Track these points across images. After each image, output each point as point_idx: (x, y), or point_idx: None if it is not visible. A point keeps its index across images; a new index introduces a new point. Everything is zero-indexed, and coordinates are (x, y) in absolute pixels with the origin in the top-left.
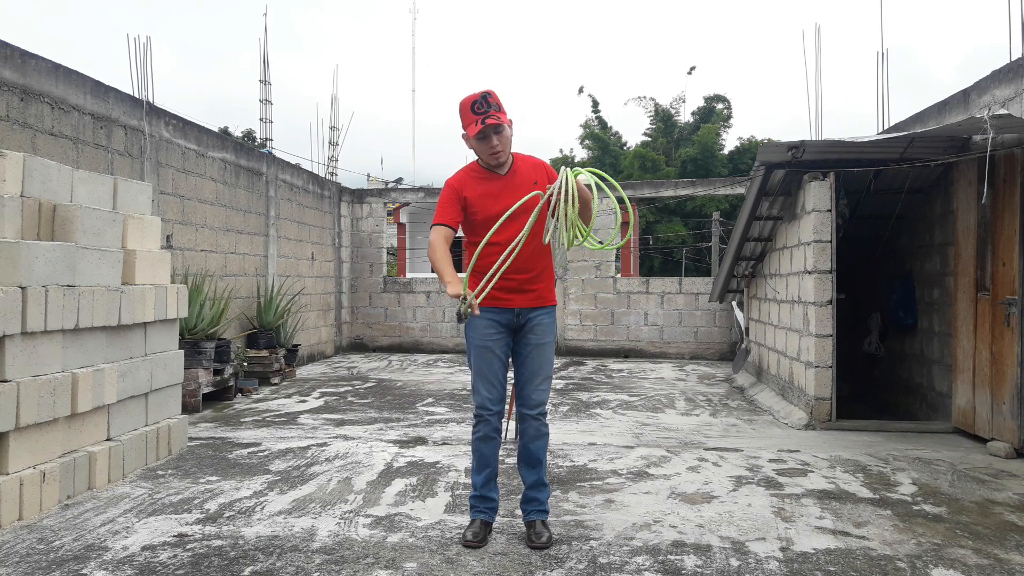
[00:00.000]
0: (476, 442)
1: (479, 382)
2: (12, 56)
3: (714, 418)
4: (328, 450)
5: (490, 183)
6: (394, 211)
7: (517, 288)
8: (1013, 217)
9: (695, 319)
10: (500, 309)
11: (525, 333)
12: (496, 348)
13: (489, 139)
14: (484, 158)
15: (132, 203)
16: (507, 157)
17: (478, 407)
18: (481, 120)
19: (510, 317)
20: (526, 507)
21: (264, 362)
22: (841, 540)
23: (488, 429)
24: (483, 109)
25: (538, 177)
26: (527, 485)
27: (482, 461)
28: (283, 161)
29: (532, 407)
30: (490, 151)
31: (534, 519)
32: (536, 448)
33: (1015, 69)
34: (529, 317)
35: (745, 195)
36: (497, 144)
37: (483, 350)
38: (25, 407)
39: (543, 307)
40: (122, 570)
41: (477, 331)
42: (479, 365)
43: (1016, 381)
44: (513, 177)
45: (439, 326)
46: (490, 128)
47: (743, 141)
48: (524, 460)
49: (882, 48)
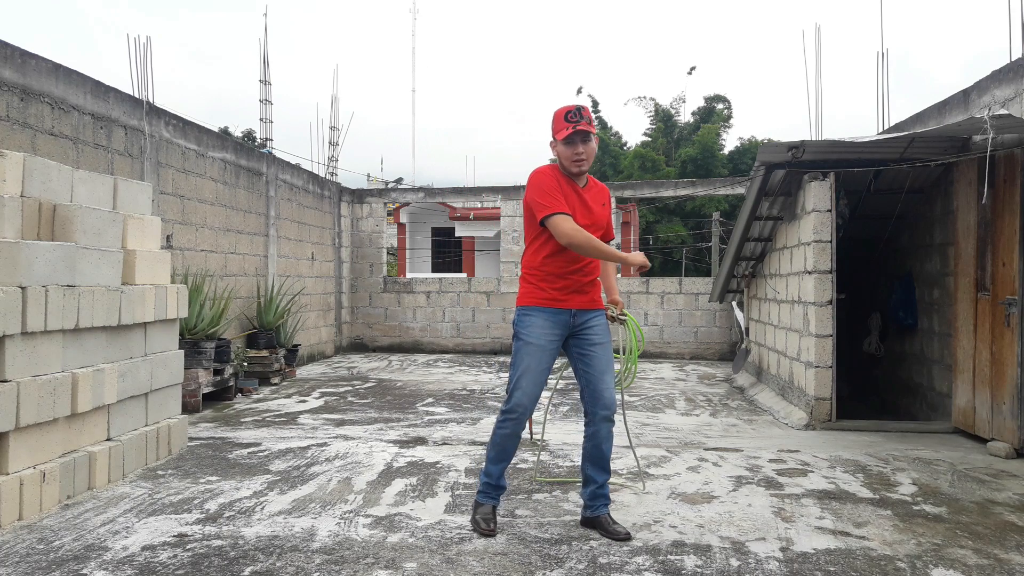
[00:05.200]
0: (502, 436)
1: (525, 379)
2: (12, 56)
3: (714, 418)
4: (328, 450)
5: (573, 191)
6: (394, 211)
7: (576, 289)
8: (1013, 217)
9: (695, 319)
10: (558, 309)
11: (584, 334)
12: (550, 348)
13: (576, 145)
14: (567, 164)
15: (132, 203)
16: (588, 168)
17: (515, 403)
18: (573, 126)
19: (566, 318)
20: (593, 503)
21: (264, 362)
22: (841, 540)
23: (518, 428)
24: (575, 118)
25: (606, 200)
26: (598, 484)
27: (502, 455)
28: (283, 161)
29: (608, 406)
30: (575, 156)
31: (602, 514)
32: (607, 449)
33: (1015, 69)
34: (585, 319)
35: (745, 195)
36: (582, 152)
37: (537, 348)
38: (25, 407)
39: (596, 310)
40: (122, 570)
41: (535, 328)
42: (530, 363)
43: (1016, 381)
44: (589, 191)
45: (439, 326)
46: (579, 135)
47: (743, 141)
48: (595, 462)
49: (882, 48)
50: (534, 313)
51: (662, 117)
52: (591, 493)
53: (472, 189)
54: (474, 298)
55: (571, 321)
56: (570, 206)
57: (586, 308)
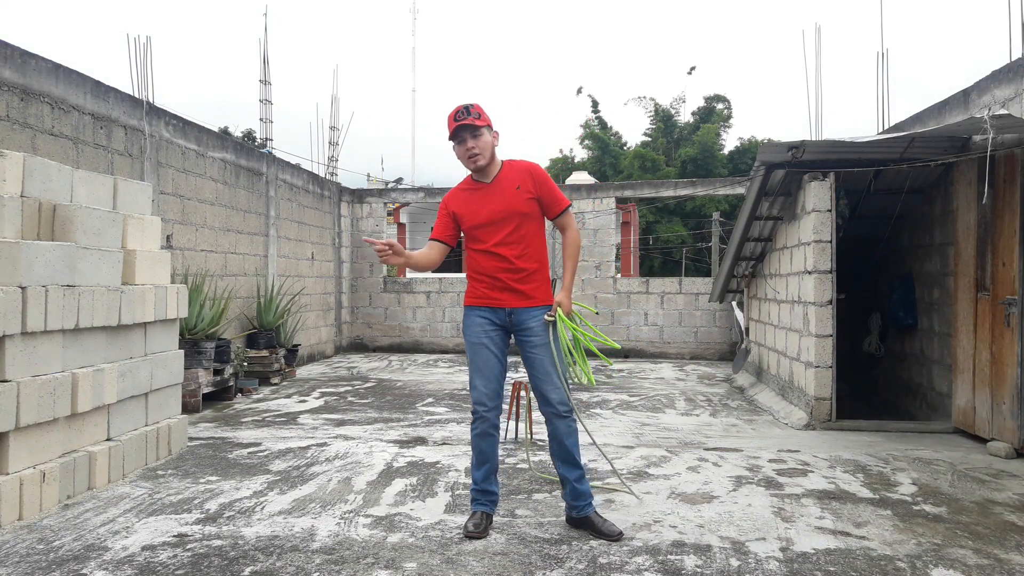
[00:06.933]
0: (475, 438)
1: (475, 377)
2: (12, 56)
3: (714, 418)
4: (328, 450)
5: (476, 193)
6: (394, 211)
7: (505, 287)
8: (1013, 217)
9: (695, 319)
10: (492, 308)
11: (524, 335)
12: (490, 344)
13: (465, 141)
14: (464, 163)
15: (132, 203)
16: (486, 162)
17: (475, 403)
18: (458, 124)
19: (502, 316)
20: (577, 503)
21: (264, 362)
22: (841, 540)
23: (486, 426)
24: (462, 116)
25: (521, 181)
26: (572, 479)
27: (481, 457)
28: (283, 161)
29: (552, 404)
30: (467, 154)
31: (588, 513)
32: (571, 444)
33: (1015, 69)
34: (523, 317)
35: (745, 195)
36: (473, 147)
37: (477, 346)
38: (25, 407)
39: (535, 307)
40: (122, 570)
41: (473, 328)
42: (474, 360)
43: (1016, 381)
44: (499, 185)
45: (439, 326)
46: (465, 129)
47: (743, 141)
48: (563, 459)
49: (882, 48)
50: (470, 312)
51: (662, 117)
52: (571, 492)
53: None
54: None
55: (508, 320)
56: (469, 211)
57: (523, 306)
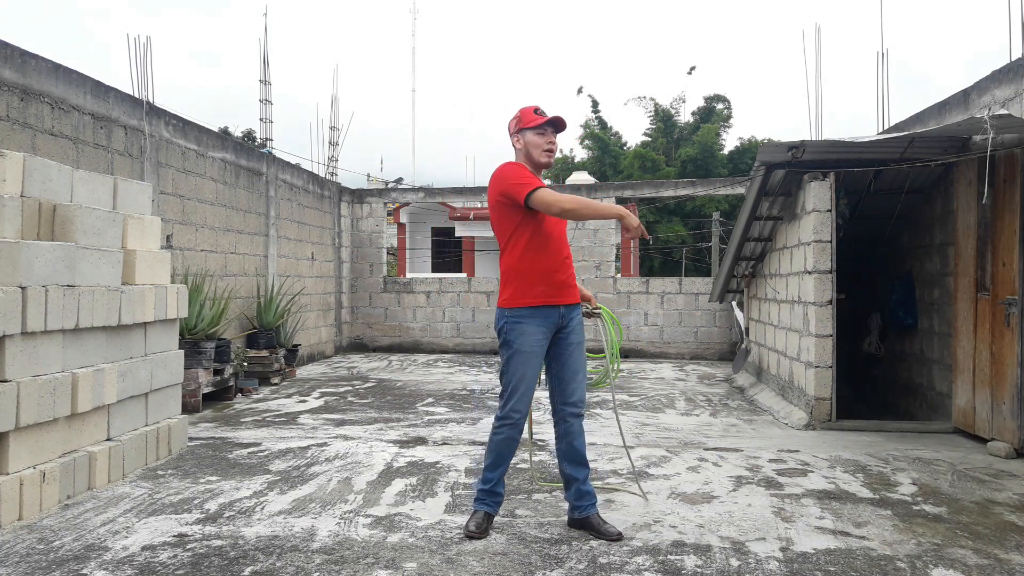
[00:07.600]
0: (498, 442)
1: (520, 384)
2: (12, 56)
3: (714, 418)
4: (328, 450)
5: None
6: (394, 211)
7: (564, 284)
8: (1013, 217)
9: (695, 319)
10: (549, 308)
11: (565, 333)
12: (541, 354)
13: (548, 134)
14: (536, 154)
15: (132, 203)
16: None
17: (511, 411)
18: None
19: (556, 318)
20: (581, 503)
21: (264, 362)
22: (841, 540)
23: (515, 432)
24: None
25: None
26: (580, 480)
27: (499, 460)
28: (283, 161)
29: (579, 403)
30: (547, 145)
31: (591, 513)
32: (580, 445)
33: (1015, 69)
34: (571, 316)
35: (745, 195)
36: (553, 141)
37: (530, 355)
38: (25, 407)
39: (578, 304)
40: (122, 570)
41: (526, 337)
42: (524, 372)
43: (1016, 381)
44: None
45: (439, 326)
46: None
47: (743, 141)
48: (571, 459)
49: (882, 48)
50: (525, 318)
51: (662, 117)
52: (576, 492)
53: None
54: (474, 298)
55: (560, 320)
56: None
57: (573, 303)
